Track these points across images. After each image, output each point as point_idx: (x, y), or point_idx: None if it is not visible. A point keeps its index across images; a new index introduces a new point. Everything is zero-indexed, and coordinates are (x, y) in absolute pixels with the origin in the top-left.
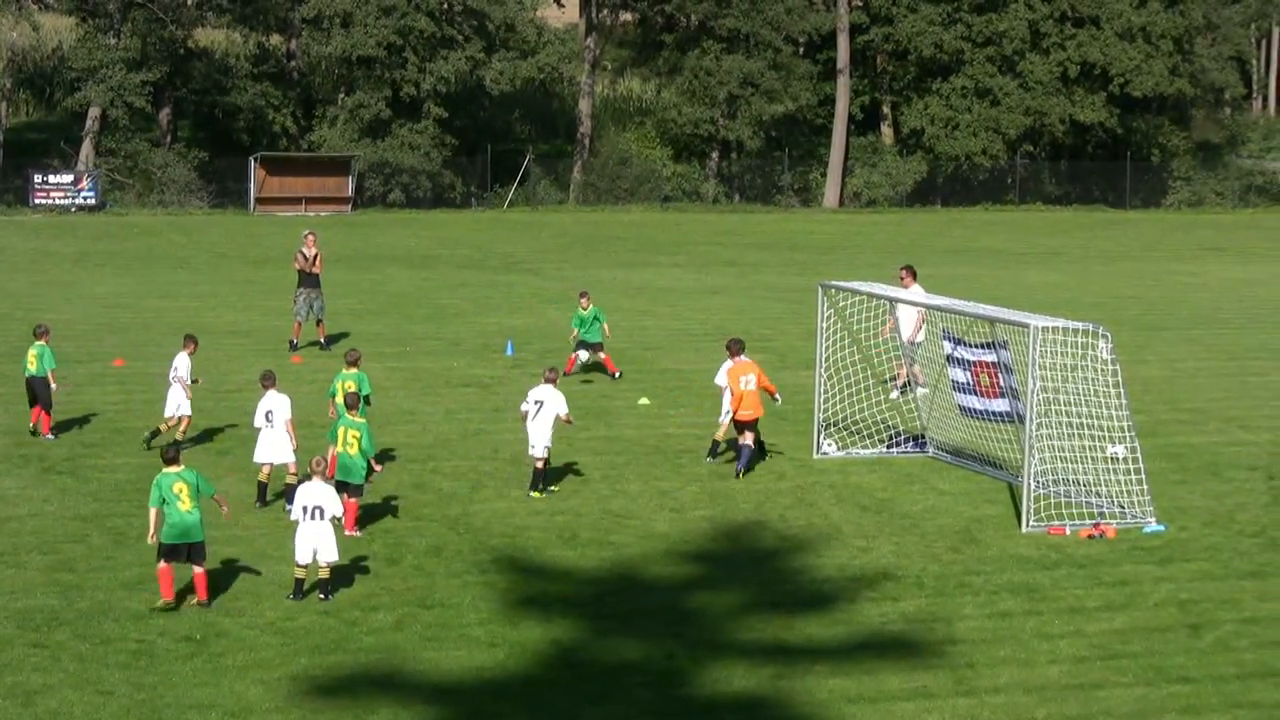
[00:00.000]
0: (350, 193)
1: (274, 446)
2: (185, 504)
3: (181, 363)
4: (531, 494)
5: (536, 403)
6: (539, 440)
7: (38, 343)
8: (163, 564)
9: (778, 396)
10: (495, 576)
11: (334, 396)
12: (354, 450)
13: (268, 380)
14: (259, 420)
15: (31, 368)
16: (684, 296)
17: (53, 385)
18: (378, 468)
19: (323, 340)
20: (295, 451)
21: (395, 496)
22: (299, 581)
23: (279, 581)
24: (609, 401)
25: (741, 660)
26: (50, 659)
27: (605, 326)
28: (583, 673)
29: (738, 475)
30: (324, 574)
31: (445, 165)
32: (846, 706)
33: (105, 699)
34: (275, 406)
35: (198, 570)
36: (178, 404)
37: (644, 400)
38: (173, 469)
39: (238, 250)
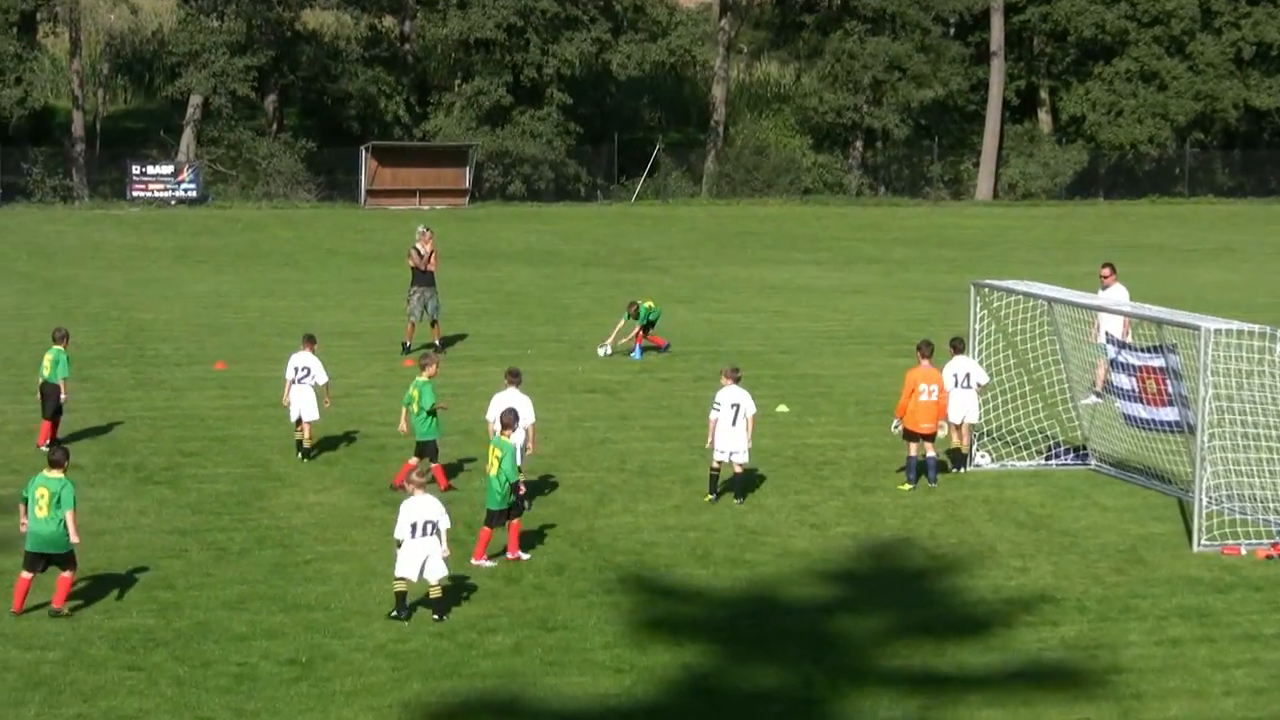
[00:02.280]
0: (467, 185)
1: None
2: (42, 511)
3: (315, 364)
4: (737, 502)
5: (733, 405)
6: (740, 445)
7: (55, 348)
8: (24, 573)
9: (945, 425)
10: (621, 597)
11: (409, 405)
12: (494, 470)
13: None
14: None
15: (45, 373)
16: (824, 296)
17: (64, 395)
18: (521, 496)
19: (437, 342)
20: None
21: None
22: (401, 596)
23: (390, 601)
24: None
25: (886, 689)
26: (147, 682)
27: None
28: (715, 700)
29: (932, 482)
30: (435, 593)
31: (569, 155)
32: None
33: None
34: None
35: (62, 574)
36: (302, 408)
37: (782, 408)
38: (47, 473)
39: (347, 246)
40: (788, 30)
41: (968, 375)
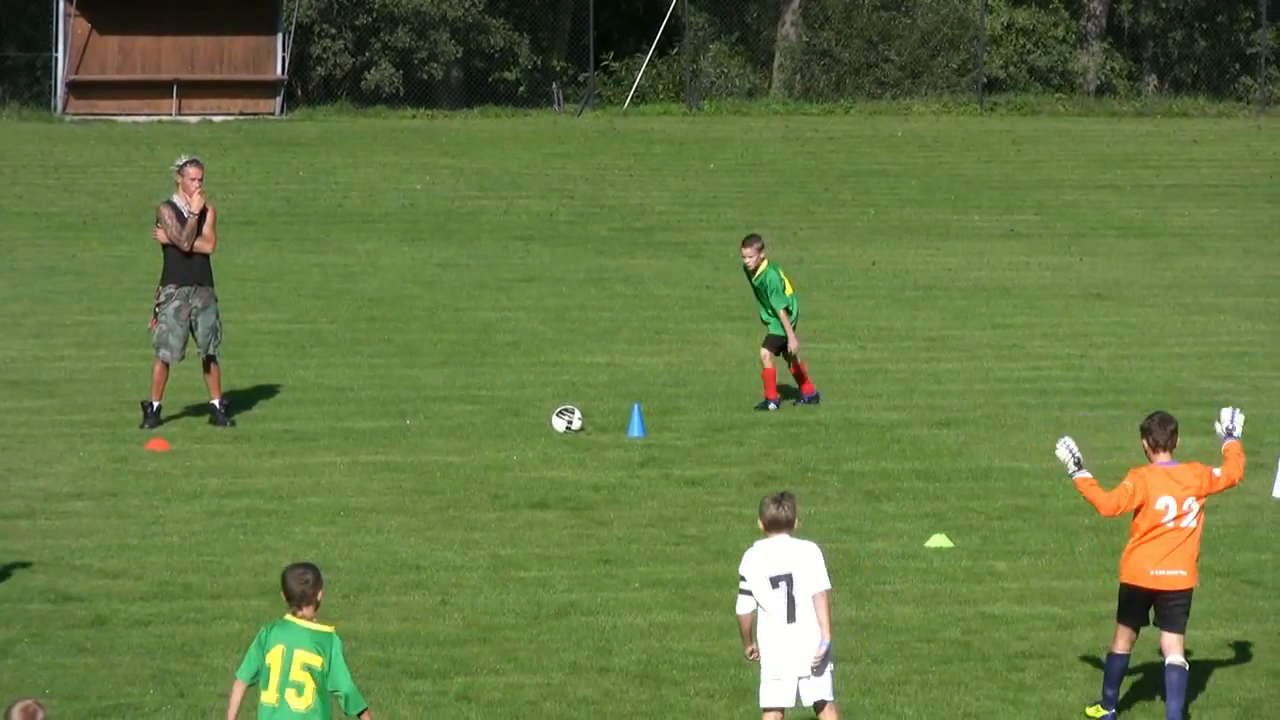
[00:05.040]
0: (279, 72)
1: None
2: None
3: None
4: None
5: (776, 581)
6: (812, 665)
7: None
8: None
9: None
10: None
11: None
12: None
13: None
14: None
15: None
16: (1027, 304)
17: None
18: None
19: (218, 403)
20: None
21: None
22: None
23: None
24: (854, 531)
25: None
26: None
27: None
28: None
29: None
30: None
31: (491, 11)
32: None
33: None
34: None
35: None
36: None
37: (939, 540)
38: None
39: (26, 200)
40: None
41: None
